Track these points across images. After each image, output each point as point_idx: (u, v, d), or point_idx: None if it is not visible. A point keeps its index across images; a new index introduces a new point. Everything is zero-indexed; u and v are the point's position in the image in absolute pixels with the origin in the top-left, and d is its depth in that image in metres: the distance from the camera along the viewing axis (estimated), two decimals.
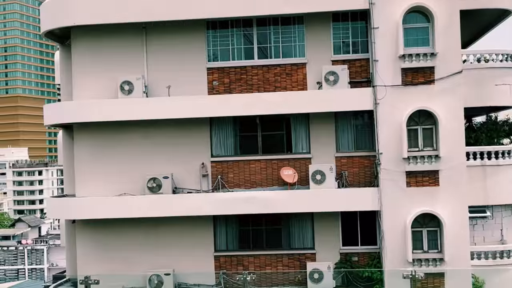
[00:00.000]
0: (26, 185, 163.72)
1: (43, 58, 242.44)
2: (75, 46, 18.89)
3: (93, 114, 17.96)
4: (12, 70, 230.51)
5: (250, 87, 18.06)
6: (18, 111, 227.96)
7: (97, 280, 16.43)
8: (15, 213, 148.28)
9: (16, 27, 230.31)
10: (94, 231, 18.68)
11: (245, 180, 18.06)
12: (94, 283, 16.34)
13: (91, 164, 18.62)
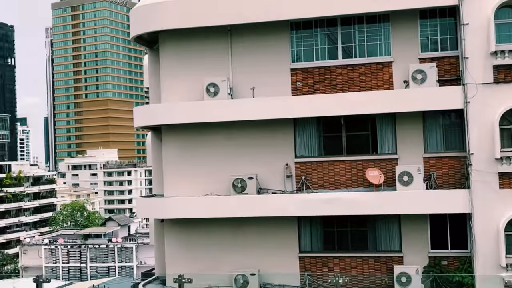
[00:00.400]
0: (116, 185, 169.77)
1: (131, 62, 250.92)
2: (163, 50, 19.39)
3: (180, 116, 18.37)
4: (102, 75, 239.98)
5: (334, 87, 17.90)
6: (108, 114, 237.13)
7: (190, 279, 16.79)
8: (106, 212, 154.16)
9: (106, 33, 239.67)
10: (182, 230, 19.08)
11: (330, 181, 17.91)
12: (187, 282, 16.71)
13: (179, 165, 19.03)
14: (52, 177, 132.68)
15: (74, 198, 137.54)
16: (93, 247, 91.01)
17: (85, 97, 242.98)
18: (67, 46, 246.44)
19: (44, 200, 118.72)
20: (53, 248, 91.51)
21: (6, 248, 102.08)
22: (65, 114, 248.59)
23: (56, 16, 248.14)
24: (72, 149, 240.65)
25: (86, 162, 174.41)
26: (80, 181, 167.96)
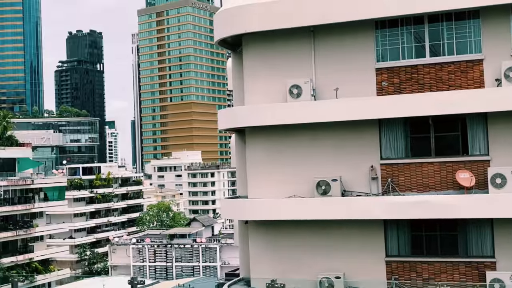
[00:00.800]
0: (199, 186, 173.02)
1: (214, 66, 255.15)
2: (246, 52, 19.50)
3: (264, 118, 18.41)
4: (186, 78, 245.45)
5: (422, 87, 17.38)
6: (192, 117, 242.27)
7: (283, 284, 16.78)
8: (190, 213, 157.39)
9: (190, 38, 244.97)
10: (266, 231, 19.10)
11: (417, 183, 17.38)
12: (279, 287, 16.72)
13: (262, 167, 19.07)
14: (139, 178, 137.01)
15: (160, 199, 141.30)
16: (178, 247, 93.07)
17: (170, 100, 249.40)
18: (152, 51, 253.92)
19: (131, 200, 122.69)
20: (140, 247, 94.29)
21: (97, 247, 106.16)
22: (151, 117, 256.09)
23: (142, 22, 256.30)
24: (158, 151, 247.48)
25: (171, 164, 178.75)
26: (166, 182, 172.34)
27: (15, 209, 67.79)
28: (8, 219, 67.63)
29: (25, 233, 68.25)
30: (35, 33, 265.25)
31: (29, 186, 70.17)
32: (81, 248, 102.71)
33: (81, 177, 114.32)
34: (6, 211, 66.39)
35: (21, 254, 67.19)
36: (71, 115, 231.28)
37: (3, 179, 66.85)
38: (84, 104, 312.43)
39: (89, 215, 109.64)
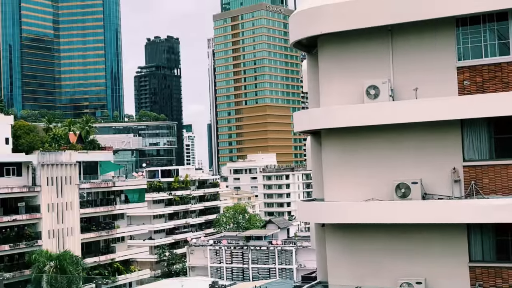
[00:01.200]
0: (275, 188, 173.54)
1: (288, 68, 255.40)
2: (321, 54, 19.33)
3: (340, 119, 18.17)
4: (260, 82, 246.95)
5: (506, 85, 16.64)
6: (266, 120, 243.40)
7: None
8: (266, 215, 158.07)
9: (264, 41, 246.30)
10: (343, 235, 18.84)
11: (503, 186, 16.65)
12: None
13: (339, 169, 18.83)
14: (215, 180, 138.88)
15: (236, 201, 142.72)
16: (254, 248, 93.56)
17: (244, 103, 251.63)
18: (227, 55, 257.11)
19: (208, 202, 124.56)
20: (217, 249, 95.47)
21: (175, 248, 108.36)
22: (227, 121, 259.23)
23: (217, 27, 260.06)
24: (234, 154, 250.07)
25: (246, 166, 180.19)
26: (241, 185, 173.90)
27: (98, 210, 70.20)
28: (91, 221, 70.12)
29: (107, 234, 70.52)
30: (115, 40, 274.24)
31: (111, 188, 72.47)
32: (160, 249, 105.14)
33: (160, 179, 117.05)
34: (89, 213, 68.86)
35: (103, 254, 69.47)
36: (150, 119, 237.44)
37: (87, 181, 69.36)
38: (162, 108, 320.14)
39: (168, 217, 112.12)
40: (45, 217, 63.19)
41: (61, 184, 65.14)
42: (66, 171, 65.82)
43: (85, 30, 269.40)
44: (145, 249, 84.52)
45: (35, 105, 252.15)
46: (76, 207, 66.46)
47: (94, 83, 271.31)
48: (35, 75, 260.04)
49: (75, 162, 67.23)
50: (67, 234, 65.18)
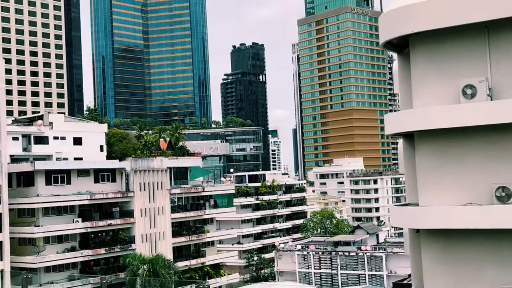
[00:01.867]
0: (362, 193, 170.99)
1: (374, 71, 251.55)
2: (413, 53, 18.75)
3: (435, 121, 17.51)
4: (346, 85, 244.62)
5: None
6: (353, 123, 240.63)
7: None
8: (353, 220, 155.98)
9: (349, 44, 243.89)
10: (440, 241, 18.13)
11: None
12: None
13: (434, 172, 18.15)
14: (302, 185, 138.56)
15: (323, 206, 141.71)
16: (343, 254, 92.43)
17: (330, 107, 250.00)
18: (312, 60, 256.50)
19: (295, 207, 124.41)
20: (305, 254, 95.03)
21: (263, 252, 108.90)
22: (312, 125, 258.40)
23: (301, 31, 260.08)
24: (319, 158, 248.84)
25: (333, 171, 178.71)
26: (328, 190, 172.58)
27: (188, 215, 71.68)
28: (181, 225, 71.67)
29: (197, 238, 71.85)
30: (202, 48, 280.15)
31: (200, 193, 73.83)
32: (248, 253, 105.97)
33: (247, 184, 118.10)
34: (180, 217, 70.43)
35: (194, 258, 70.83)
36: (237, 125, 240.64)
37: (177, 187, 71.01)
38: (248, 114, 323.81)
39: (256, 221, 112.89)
40: (138, 222, 65.20)
41: (153, 190, 67.04)
42: (158, 177, 67.67)
43: (173, 39, 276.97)
44: (234, 254, 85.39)
45: (127, 113, 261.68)
46: (167, 212, 68.16)
47: (183, 91, 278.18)
48: (126, 85, 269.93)
49: (166, 168, 69.01)
50: (159, 238, 66.94)
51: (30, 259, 57.17)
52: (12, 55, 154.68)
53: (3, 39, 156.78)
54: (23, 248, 58.90)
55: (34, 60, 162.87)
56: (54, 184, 59.92)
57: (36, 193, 58.65)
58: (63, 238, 60.17)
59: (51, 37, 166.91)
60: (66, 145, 72.65)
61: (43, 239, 58.26)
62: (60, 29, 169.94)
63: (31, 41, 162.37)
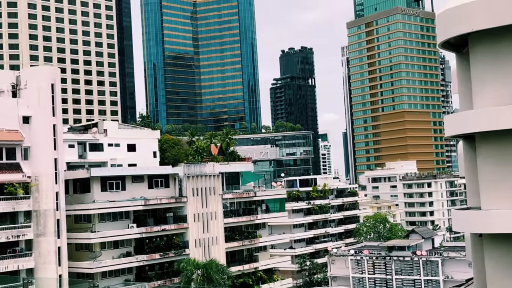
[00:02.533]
0: (416, 197, 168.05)
1: (426, 72, 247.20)
2: (473, 53, 18.23)
3: (497, 121, 16.94)
4: (397, 87, 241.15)
5: None
6: (405, 126, 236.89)
7: None
8: (407, 224, 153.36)
9: (400, 45, 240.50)
10: (504, 245, 17.50)
11: None
12: None
13: (497, 175, 17.55)
14: (354, 189, 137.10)
15: (375, 210, 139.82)
16: (397, 259, 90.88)
17: (381, 110, 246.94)
18: (362, 62, 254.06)
19: (347, 211, 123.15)
20: (359, 259, 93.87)
21: (316, 257, 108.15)
22: (363, 128, 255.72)
23: (351, 34, 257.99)
24: (371, 162, 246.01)
25: (385, 174, 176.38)
26: (380, 193, 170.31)
27: (240, 220, 71.79)
28: (234, 230, 71.84)
29: (250, 243, 71.85)
30: (251, 54, 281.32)
31: (252, 198, 73.85)
32: (301, 258, 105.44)
33: (299, 189, 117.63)
34: (232, 222, 70.61)
35: (247, 263, 70.82)
36: (286, 129, 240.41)
37: (229, 192, 71.24)
38: (298, 118, 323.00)
39: (307, 226, 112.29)
40: (191, 227, 65.70)
41: (206, 195, 67.45)
42: (210, 182, 68.08)
43: (223, 45, 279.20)
44: (287, 258, 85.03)
45: (178, 119, 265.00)
46: (220, 217, 68.47)
47: (232, 96, 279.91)
48: (177, 91, 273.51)
49: (218, 173, 69.34)
50: (212, 243, 67.27)
51: (87, 265, 58.27)
52: (67, 64, 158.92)
53: (58, 49, 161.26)
54: (80, 253, 60.09)
55: (88, 69, 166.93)
56: (109, 190, 60.97)
57: (92, 199, 59.83)
58: (119, 244, 61.09)
59: (104, 46, 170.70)
60: (120, 151, 73.91)
61: (99, 244, 59.32)
62: (113, 38, 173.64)
63: (84, 51, 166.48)
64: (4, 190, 52.93)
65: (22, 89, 57.09)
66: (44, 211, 55.30)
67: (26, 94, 56.71)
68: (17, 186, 53.35)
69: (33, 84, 56.69)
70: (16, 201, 53.28)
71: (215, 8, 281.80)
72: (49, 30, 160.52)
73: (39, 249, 54.85)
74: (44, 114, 56.43)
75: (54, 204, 55.90)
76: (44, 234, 55.06)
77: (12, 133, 54.74)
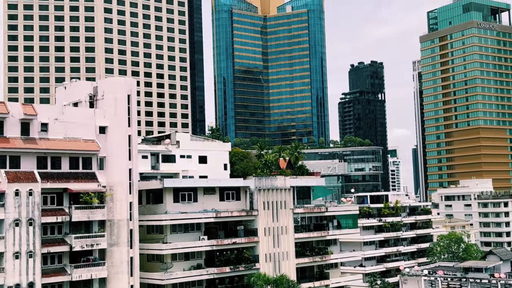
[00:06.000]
0: (491, 217, 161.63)
1: (503, 87, 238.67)
2: None
3: None
4: (473, 102, 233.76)
5: None
6: (480, 143, 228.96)
7: None
8: (482, 245, 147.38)
9: (475, 60, 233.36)
10: None
11: None
12: None
13: None
14: (427, 207, 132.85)
15: (449, 229, 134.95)
16: (474, 281, 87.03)
17: (455, 126, 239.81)
18: (435, 77, 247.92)
19: (420, 230, 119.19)
20: (433, 279, 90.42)
21: (386, 276, 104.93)
22: (436, 145, 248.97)
23: (424, 48, 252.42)
24: (444, 179, 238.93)
25: (459, 192, 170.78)
26: (454, 212, 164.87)
27: (311, 235, 70.34)
28: (304, 245, 70.40)
29: (321, 259, 70.24)
30: (320, 68, 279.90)
31: (324, 213, 72.32)
32: (371, 276, 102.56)
33: (369, 205, 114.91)
34: (303, 238, 69.26)
35: (317, 280, 69.19)
36: (355, 144, 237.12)
37: (300, 206, 69.98)
38: (366, 133, 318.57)
39: (378, 244, 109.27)
40: (262, 241, 64.75)
41: (277, 209, 66.43)
42: (281, 196, 67.04)
43: (292, 59, 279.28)
44: (359, 277, 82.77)
45: (246, 133, 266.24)
46: (291, 232, 67.25)
47: (301, 110, 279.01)
48: (246, 105, 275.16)
49: (289, 187, 68.24)
50: (283, 258, 66.06)
51: (158, 276, 58.17)
52: (140, 77, 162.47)
53: (132, 62, 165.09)
54: (151, 264, 60.13)
55: (160, 82, 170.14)
56: (181, 201, 60.85)
57: (164, 210, 59.87)
58: (190, 256, 60.71)
59: (176, 60, 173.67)
60: (192, 163, 74.15)
61: (171, 256, 59.16)
62: (185, 52, 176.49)
63: (157, 64, 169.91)
64: (80, 199, 53.58)
65: (99, 99, 57.96)
66: (118, 221, 55.66)
67: (103, 105, 57.50)
68: (92, 196, 53.93)
69: (110, 95, 57.44)
70: (91, 210, 53.81)
71: (285, 22, 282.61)
72: (124, 44, 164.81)
73: (112, 259, 55.16)
74: (120, 124, 57.02)
75: (128, 214, 56.22)
76: (117, 244, 55.37)
77: (89, 143, 55.51)
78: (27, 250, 49.97)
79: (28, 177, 51.25)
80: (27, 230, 50.16)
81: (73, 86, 63.02)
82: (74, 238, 52.60)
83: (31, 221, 50.37)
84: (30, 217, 50.35)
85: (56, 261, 53.10)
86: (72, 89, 62.02)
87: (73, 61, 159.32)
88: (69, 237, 52.89)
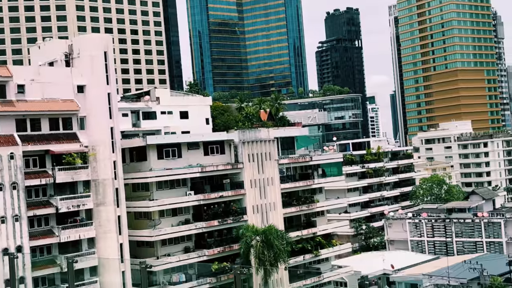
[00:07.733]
0: (471, 157, 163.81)
1: (480, 28, 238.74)
2: None
3: None
4: (450, 45, 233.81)
5: None
6: (458, 85, 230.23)
7: None
8: (463, 186, 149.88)
9: (452, 1, 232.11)
10: None
11: None
12: None
13: None
14: (408, 152, 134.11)
15: (430, 172, 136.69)
16: (457, 221, 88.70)
17: (433, 69, 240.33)
18: (412, 21, 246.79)
19: (402, 174, 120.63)
20: (417, 222, 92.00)
21: (371, 221, 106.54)
22: (414, 89, 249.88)
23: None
24: (423, 123, 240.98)
25: (439, 135, 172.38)
26: (434, 155, 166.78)
27: (297, 185, 70.44)
28: (291, 195, 70.63)
29: (308, 208, 70.60)
30: (296, 16, 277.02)
31: (308, 163, 72.35)
32: (356, 222, 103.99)
33: (352, 152, 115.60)
34: (289, 188, 69.37)
35: (305, 228, 69.68)
36: (334, 93, 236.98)
37: (285, 157, 69.84)
38: (345, 81, 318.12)
39: (362, 190, 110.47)
40: (248, 193, 64.72)
41: (262, 160, 66.22)
42: (266, 147, 66.74)
43: (267, 9, 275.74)
44: (345, 223, 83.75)
45: (225, 87, 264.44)
46: (276, 182, 67.25)
47: (278, 61, 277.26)
48: (223, 58, 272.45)
49: (273, 138, 67.93)
50: (270, 209, 66.24)
51: (146, 233, 58.03)
52: (114, 34, 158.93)
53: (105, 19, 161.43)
54: (139, 222, 59.86)
55: (135, 38, 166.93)
56: (165, 158, 60.22)
57: (149, 168, 59.28)
58: (177, 211, 60.45)
59: (150, 15, 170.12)
60: (173, 119, 73.20)
61: (158, 212, 58.91)
62: (158, 6, 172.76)
63: (131, 20, 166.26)
64: (63, 160, 52.80)
65: (75, 58, 56.56)
66: (103, 180, 55.09)
67: (79, 63, 56.16)
68: (75, 156, 53.13)
69: (86, 52, 56.03)
70: (75, 171, 53.11)
71: None
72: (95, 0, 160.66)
73: (99, 219, 54.84)
74: (98, 82, 55.82)
75: (112, 173, 55.58)
76: (103, 203, 54.97)
77: (68, 102, 54.39)
78: (12, 214, 49.37)
79: (8, 140, 50.20)
80: (11, 194, 49.44)
81: (47, 45, 61.32)
82: (59, 199, 52.03)
83: (15, 185, 49.61)
84: (13, 180, 49.55)
85: (43, 223, 52.61)
86: (47, 49, 60.33)
87: (44, 20, 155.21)
88: (55, 199, 52.31)
